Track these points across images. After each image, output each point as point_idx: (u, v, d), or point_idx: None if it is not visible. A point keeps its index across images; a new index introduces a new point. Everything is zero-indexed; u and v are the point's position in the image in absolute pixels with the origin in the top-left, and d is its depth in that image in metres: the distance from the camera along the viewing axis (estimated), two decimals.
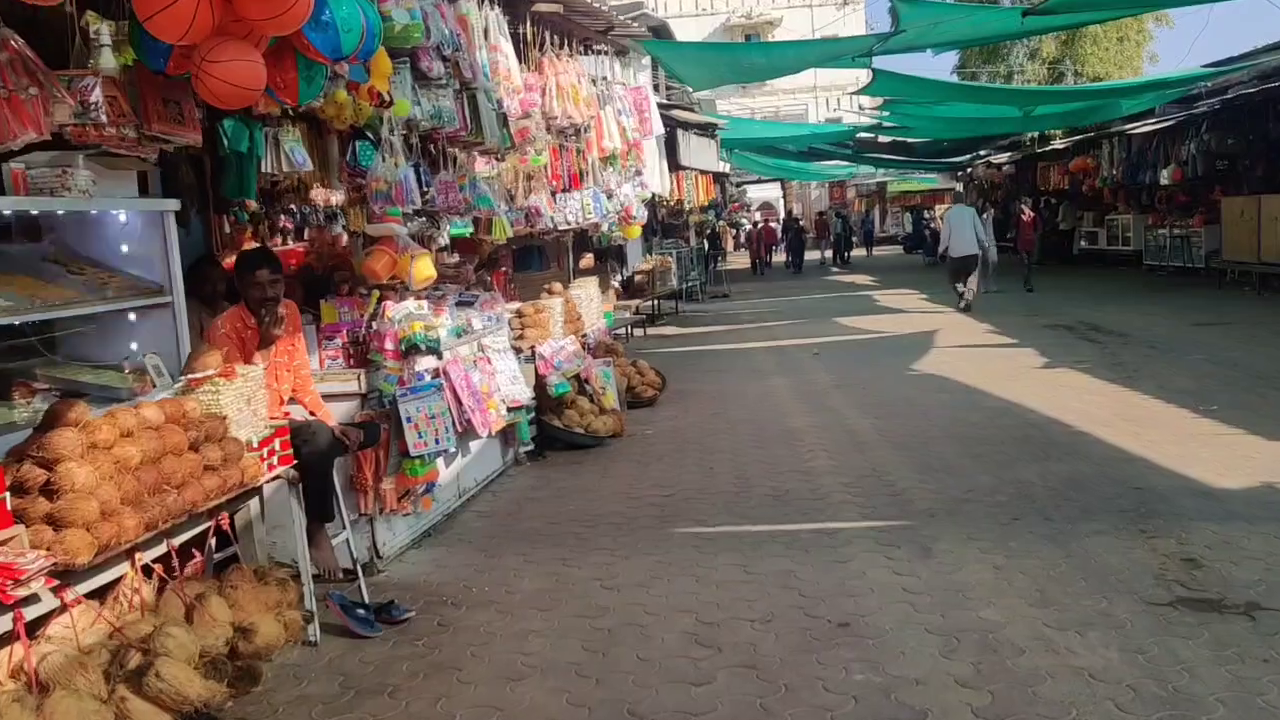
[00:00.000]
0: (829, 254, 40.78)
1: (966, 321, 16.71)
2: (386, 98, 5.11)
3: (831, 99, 59.81)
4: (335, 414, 5.53)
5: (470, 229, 8.05)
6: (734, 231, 40.79)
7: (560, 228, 8.84)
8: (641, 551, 5.79)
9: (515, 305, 8.98)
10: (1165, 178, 21.15)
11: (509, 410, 7.44)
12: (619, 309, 18.12)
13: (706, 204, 21.75)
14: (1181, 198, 22.93)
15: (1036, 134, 28.18)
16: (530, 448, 8.18)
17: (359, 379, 5.52)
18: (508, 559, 5.83)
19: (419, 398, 5.58)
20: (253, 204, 5.23)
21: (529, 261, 14.31)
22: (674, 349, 15.96)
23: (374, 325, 5.53)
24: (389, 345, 5.37)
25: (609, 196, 9.43)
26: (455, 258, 9.73)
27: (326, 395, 5.53)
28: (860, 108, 24.84)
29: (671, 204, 18.28)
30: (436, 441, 5.66)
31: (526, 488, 7.55)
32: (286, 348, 4.98)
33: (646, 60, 21.05)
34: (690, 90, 17.38)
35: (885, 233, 48.39)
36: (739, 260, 41.31)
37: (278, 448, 4.41)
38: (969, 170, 37.06)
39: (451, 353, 6.81)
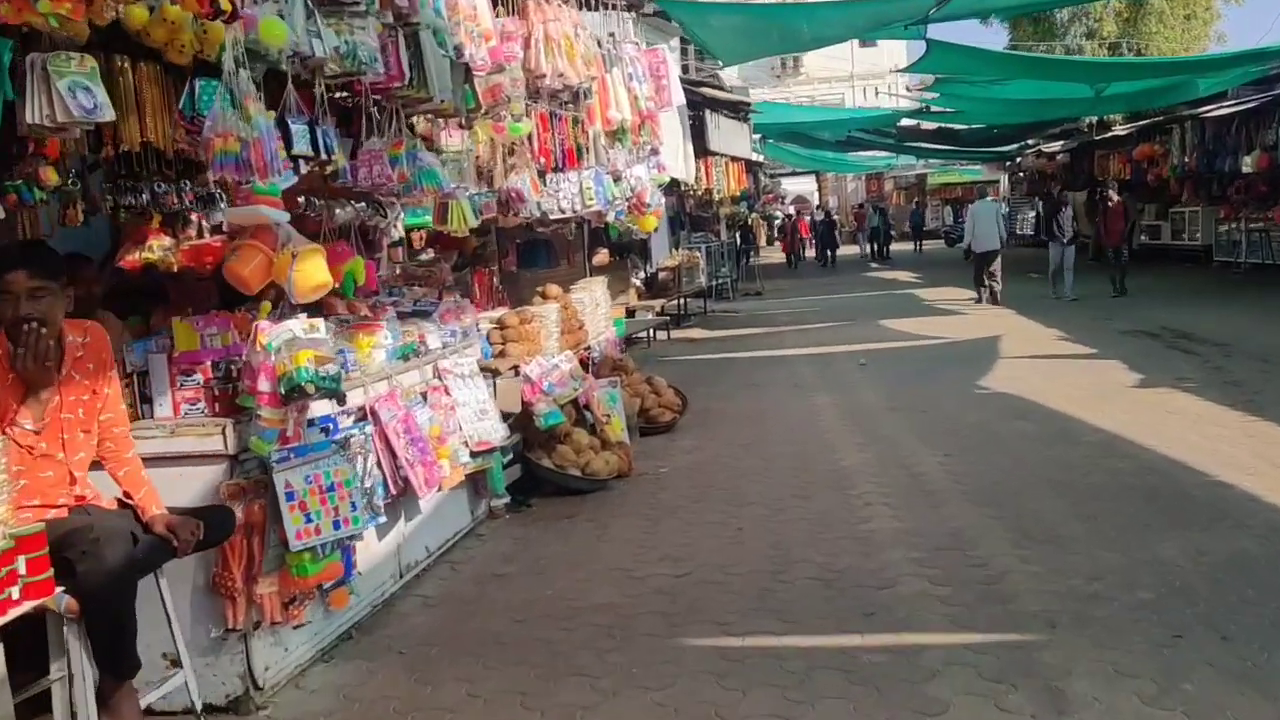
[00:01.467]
0: (867, 248, 38.92)
1: (1030, 326, 14.79)
2: (224, 4, 3.39)
3: (870, 88, 57.78)
4: (194, 486, 3.81)
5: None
6: (767, 225, 38.87)
7: (553, 216, 7.09)
8: (636, 683, 4.02)
9: (497, 313, 7.24)
10: (1249, 165, 19.05)
11: (474, 455, 5.70)
12: (640, 309, 16.42)
13: (738, 195, 19.91)
14: (1261, 188, 20.83)
15: (1095, 119, 26.09)
16: (506, 499, 6.43)
17: (224, 433, 3.79)
18: (446, 690, 4.08)
19: (307, 462, 3.84)
20: (51, 175, 3.54)
21: (535, 257, 12.58)
22: (700, 355, 14.17)
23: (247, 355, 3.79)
24: (263, 385, 3.65)
25: (616, 179, 7.68)
26: (429, 253, 8.02)
27: (179, 457, 3.81)
28: (907, 89, 22.89)
29: (699, 193, 16.48)
30: (336, 525, 3.92)
31: (496, 557, 5.79)
32: (83, 393, 3.26)
33: (675, 42, 19.30)
34: (719, 65, 15.55)
35: (927, 226, 46.27)
36: (772, 255, 39.40)
37: (22, 569, 2.69)
38: (1018, 160, 34.89)
39: (390, 383, 5.08)
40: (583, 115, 7.26)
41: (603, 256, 13.10)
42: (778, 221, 39.56)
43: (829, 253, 34.44)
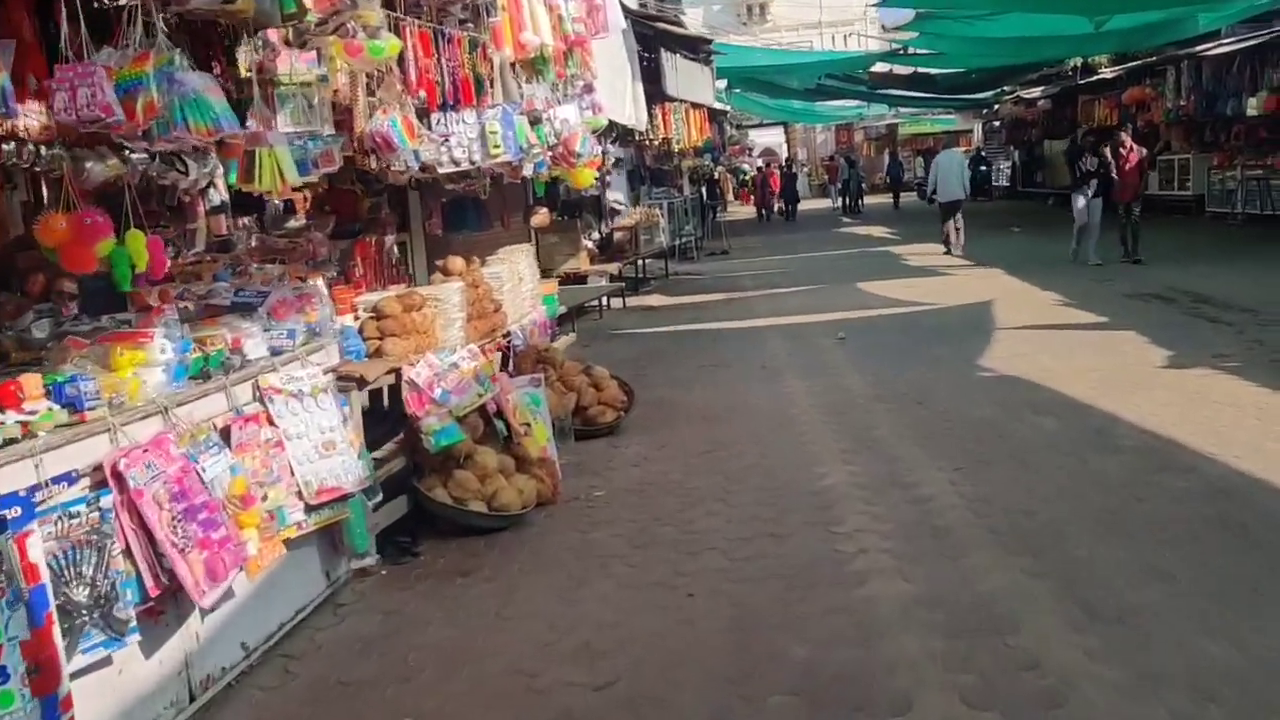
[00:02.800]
0: (838, 202, 37.44)
1: (1023, 289, 13.26)
2: None
3: (840, 35, 55.87)
4: None
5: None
6: (735, 178, 37.09)
7: (443, 169, 5.38)
8: None
9: (372, 299, 5.57)
10: (1254, 107, 17.54)
11: (312, 510, 4.06)
12: (592, 274, 14.75)
13: (701, 145, 18.20)
14: (1261, 134, 19.37)
15: (1080, 62, 24.49)
16: (372, 559, 4.79)
17: None
18: None
19: None
20: None
21: (461, 219, 10.87)
22: (658, 327, 12.54)
23: None
24: None
25: (534, 122, 6.01)
26: (297, 220, 6.32)
27: None
28: (884, 27, 21.09)
29: (656, 144, 14.76)
30: None
31: (351, 648, 4.16)
32: None
33: None
34: (679, 4, 13.78)
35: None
36: (739, 210, 37.71)
37: None
38: (995, 108, 33.28)
39: (165, 420, 3.42)
40: (485, 37, 5.56)
41: (542, 217, 11.38)
42: (746, 175, 37.82)
43: (790, 206, 33.36)
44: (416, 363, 5.27)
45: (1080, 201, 14.84)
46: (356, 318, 5.57)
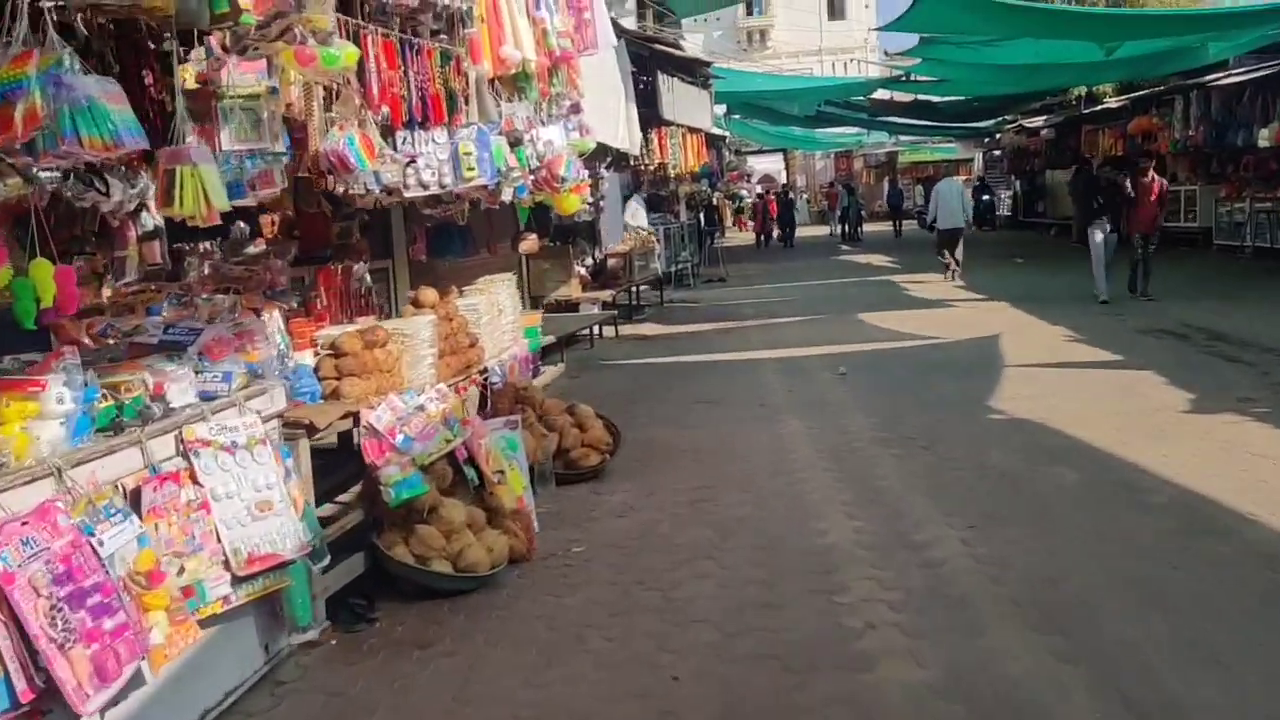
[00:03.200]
0: (838, 229, 37.18)
1: (1030, 322, 12.77)
2: None
3: (839, 63, 55.76)
4: None
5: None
6: (733, 204, 36.70)
7: (410, 192, 4.87)
8: None
9: (334, 333, 5.08)
10: (1265, 139, 17.13)
11: (242, 581, 3.55)
12: (584, 302, 14.29)
13: (698, 170, 17.78)
14: (1271, 165, 18.97)
15: (1084, 91, 24.15)
16: (315, 631, 4.27)
17: None
18: None
19: None
20: None
21: (446, 244, 10.39)
22: (651, 358, 12.05)
23: None
24: None
25: (514, 143, 5.53)
26: (257, 246, 5.84)
27: None
28: (886, 53, 20.65)
29: (651, 168, 14.33)
30: None
31: None
32: None
33: (630, 3, 17.04)
34: (678, 27, 13.36)
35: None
36: (737, 237, 37.27)
37: None
38: (997, 136, 32.94)
39: (58, 485, 2.91)
40: (460, 49, 5.08)
41: (530, 243, 10.87)
42: (745, 201, 37.45)
43: (788, 233, 33.12)
44: (377, 405, 4.76)
45: (1099, 235, 13.98)
46: (316, 354, 5.07)
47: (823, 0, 60.05)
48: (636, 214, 20.37)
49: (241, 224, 6.96)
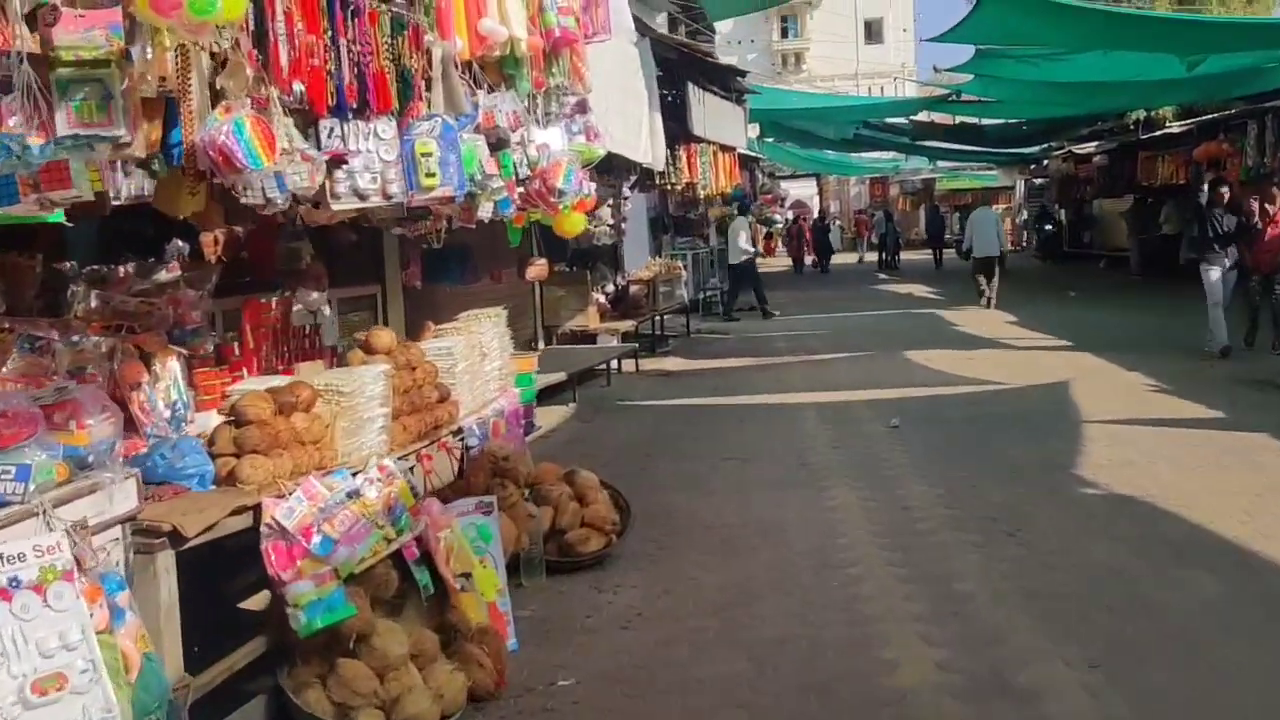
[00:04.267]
0: (868, 256, 35.98)
1: (1101, 366, 11.32)
2: None
3: (875, 87, 54.44)
4: None
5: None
6: (765, 229, 35.34)
7: (340, 204, 3.56)
8: None
9: (240, 390, 3.79)
10: None
11: None
12: (601, 333, 13.00)
13: (730, 192, 16.47)
14: None
15: (1142, 115, 22.68)
16: None
17: None
18: None
19: None
20: None
21: (443, 269, 9.15)
22: (673, 399, 10.71)
23: None
24: None
25: (496, 146, 4.24)
26: (171, 271, 4.59)
27: None
28: (935, 69, 19.22)
29: (678, 187, 13.04)
30: None
31: None
32: None
33: (660, 18, 15.77)
34: (710, 33, 12.07)
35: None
36: (769, 263, 35.88)
37: None
38: (1044, 163, 31.42)
39: None
40: (422, 19, 3.80)
41: (539, 268, 9.60)
42: (778, 226, 36.07)
43: (824, 260, 32.11)
44: (289, 494, 3.46)
45: (1215, 273, 11.44)
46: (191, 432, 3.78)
47: (859, 23, 58.90)
48: (739, 236, 19.41)
49: (179, 242, 5.73)
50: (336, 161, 3.46)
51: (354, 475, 3.80)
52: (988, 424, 8.62)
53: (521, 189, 4.68)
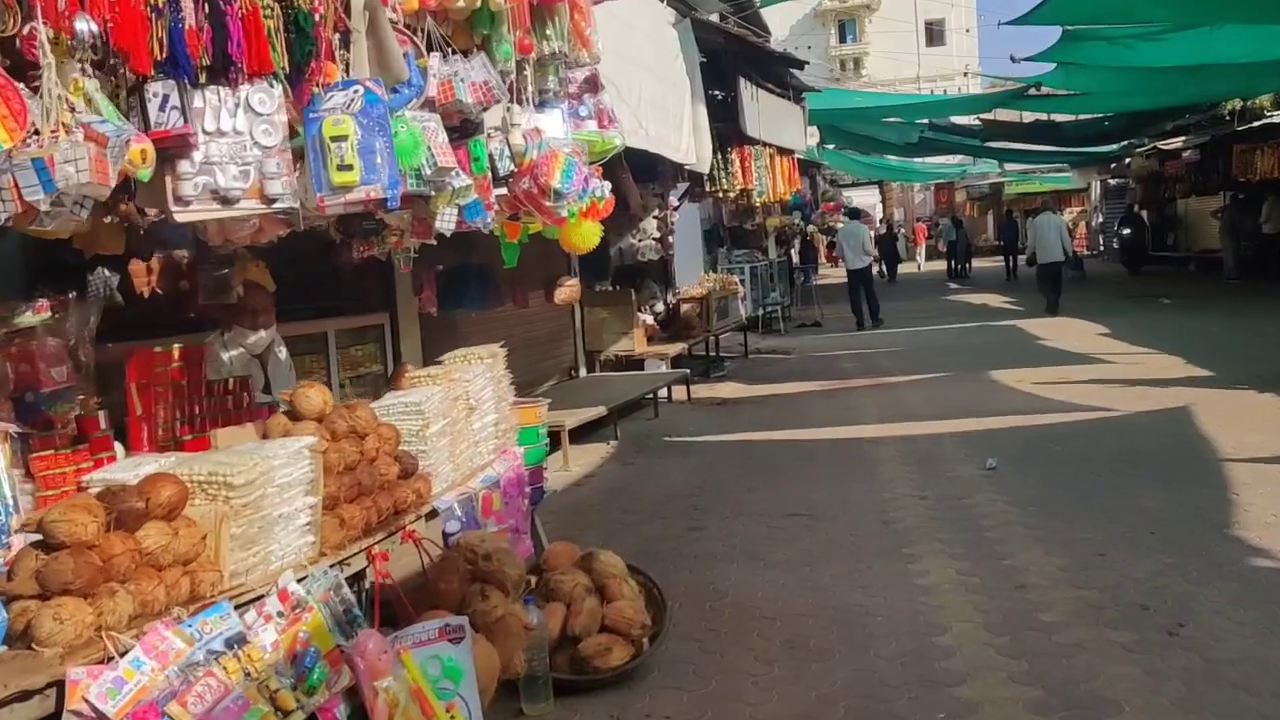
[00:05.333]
0: (927, 264, 34.58)
1: (1226, 390, 9.76)
2: None
3: (937, 91, 52.56)
4: None
5: None
6: (827, 239, 33.83)
7: (184, 212, 2.39)
8: None
9: (102, 479, 2.61)
10: None
11: None
12: (649, 357, 11.77)
13: (789, 200, 15.14)
14: None
15: (1238, 105, 20.84)
16: None
17: None
18: None
19: None
20: None
21: (461, 293, 8.02)
22: (727, 434, 9.40)
23: None
24: None
25: (463, 130, 3.06)
26: (40, 313, 3.46)
27: None
28: (1012, 59, 17.55)
29: (732, 196, 11.75)
30: None
31: None
32: None
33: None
34: (757, 4, 10.74)
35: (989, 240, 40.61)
36: (831, 274, 34.31)
37: None
38: (1128, 162, 29.48)
39: None
40: None
41: (569, 290, 8.39)
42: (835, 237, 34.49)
43: (890, 269, 30.76)
44: (120, 654, 2.25)
45: None
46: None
47: (920, 25, 57.08)
48: (864, 240, 18.87)
49: (105, 272, 4.62)
50: (178, 148, 2.25)
51: (239, 610, 2.58)
52: (1104, 463, 7.20)
53: (503, 190, 3.45)
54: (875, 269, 23.86)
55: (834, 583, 5.15)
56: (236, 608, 2.63)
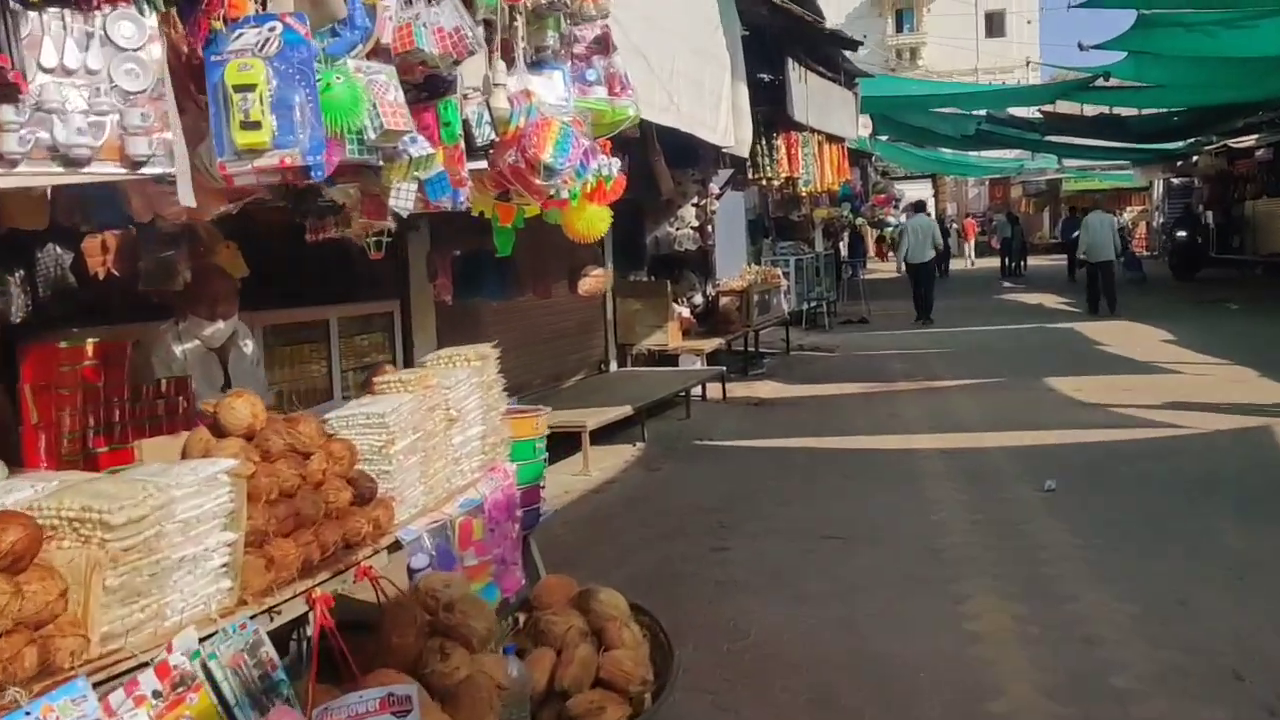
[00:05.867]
0: (973, 260, 34.78)
1: None
2: None
3: (996, 82, 51.18)
4: None
5: None
6: (878, 231, 32.84)
7: (2, 179, 1.85)
8: None
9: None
10: None
11: None
12: (683, 352, 11.17)
13: (837, 190, 14.39)
14: None
15: None
16: None
17: None
18: None
19: None
20: None
21: (478, 281, 7.46)
22: (763, 440, 8.75)
23: None
24: None
25: (431, 89, 2.50)
26: None
27: None
28: (1080, 47, 16.58)
29: (777, 184, 11.06)
30: None
31: None
32: None
33: None
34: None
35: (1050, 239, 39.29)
36: (879, 269, 33.38)
37: None
38: (1194, 160, 28.24)
39: None
40: None
41: (595, 280, 7.76)
42: (889, 230, 33.48)
43: (943, 265, 29.76)
44: None
45: None
46: None
47: (979, 15, 55.64)
48: (933, 233, 18.83)
49: (57, 249, 4.14)
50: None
51: (104, 687, 2.02)
52: (1178, 489, 6.48)
53: (481, 163, 2.85)
54: None
55: (871, 624, 4.52)
56: (104, 683, 2.08)
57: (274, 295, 6.16)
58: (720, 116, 6.59)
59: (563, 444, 7.91)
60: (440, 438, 3.48)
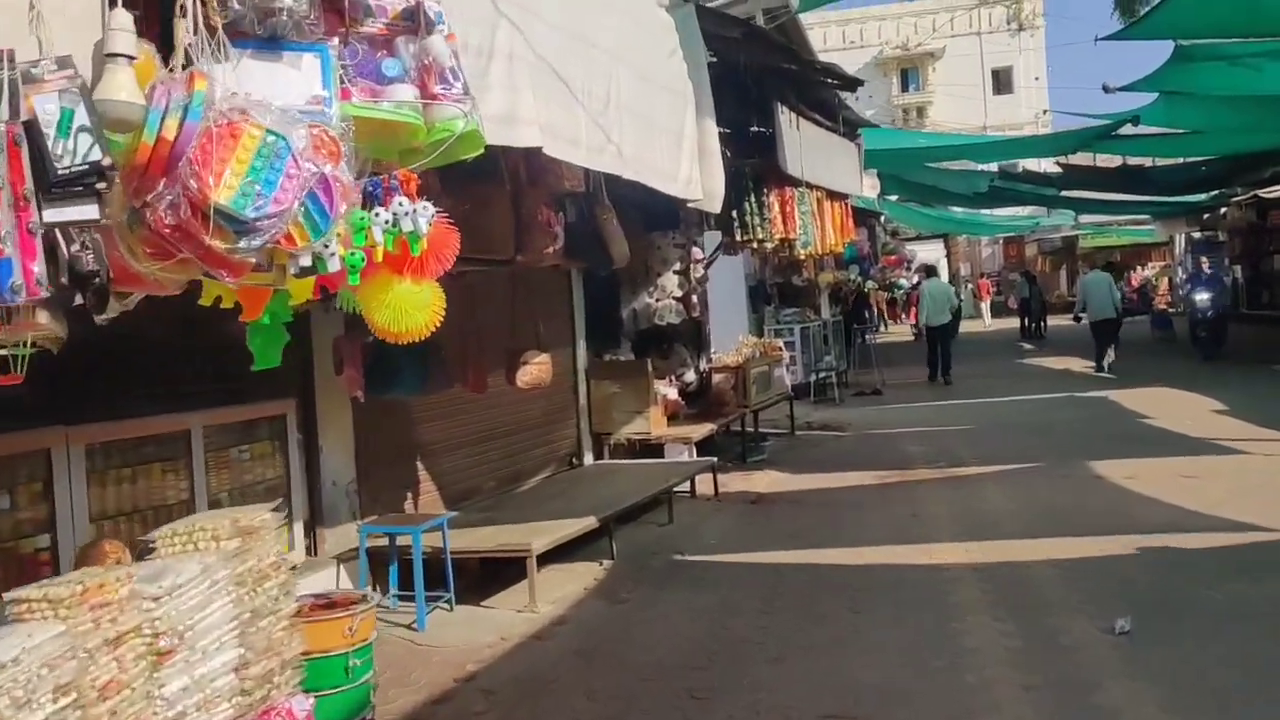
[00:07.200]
0: (989, 321, 33.77)
1: None
2: None
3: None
4: None
5: None
6: (888, 295, 31.39)
7: None
8: None
9: None
10: None
11: None
12: (669, 441, 9.74)
13: (841, 251, 13.01)
14: None
15: None
16: None
17: None
18: None
19: None
20: None
21: (394, 371, 6.08)
22: (759, 552, 7.23)
23: None
24: None
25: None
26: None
27: None
28: (1105, 89, 15.29)
29: (768, 246, 9.64)
30: None
31: None
32: None
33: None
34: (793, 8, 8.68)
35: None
36: (891, 332, 31.90)
37: None
38: (1223, 212, 26.81)
39: None
40: None
41: (537, 369, 6.28)
42: (900, 291, 31.99)
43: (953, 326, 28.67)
44: None
45: None
46: None
47: (986, 73, 54.85)
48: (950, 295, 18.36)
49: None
50: None
51: None
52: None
53: (91, 207, 1.43)
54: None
55: None
56: None
57: (103, 400, 4.78)
58: (681, 163, 5.21)
59: (510, 567, 6.46)
60: (138, 686, 2.02)
